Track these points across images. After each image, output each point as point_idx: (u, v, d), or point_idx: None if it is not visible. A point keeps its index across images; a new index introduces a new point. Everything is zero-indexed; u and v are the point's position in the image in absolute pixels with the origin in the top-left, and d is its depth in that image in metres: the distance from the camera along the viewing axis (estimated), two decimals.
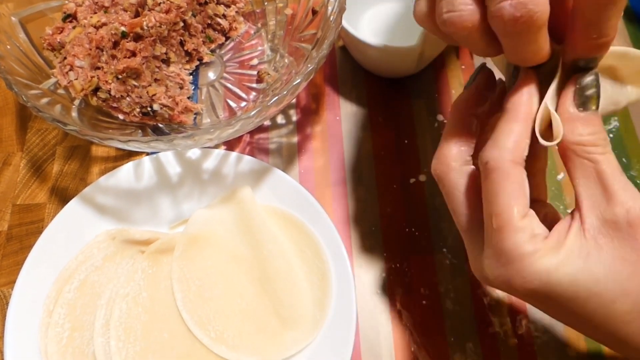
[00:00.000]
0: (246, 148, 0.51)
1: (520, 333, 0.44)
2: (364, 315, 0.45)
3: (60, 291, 0.43)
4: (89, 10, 0.47)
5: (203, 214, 0.46)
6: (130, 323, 0.42)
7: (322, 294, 0.43)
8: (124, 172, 0.47)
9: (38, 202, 0.49)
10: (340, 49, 0.56)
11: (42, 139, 0.51)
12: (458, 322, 0.44)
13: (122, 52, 0.44)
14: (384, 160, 0.51)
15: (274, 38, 0.54)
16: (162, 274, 0.44)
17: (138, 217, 0.47)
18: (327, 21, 0.45)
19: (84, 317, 0.42)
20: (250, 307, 0.43)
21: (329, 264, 0.44)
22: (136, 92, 0.45)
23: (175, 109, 0.48)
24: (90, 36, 0.45)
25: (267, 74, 0.52)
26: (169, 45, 0.49)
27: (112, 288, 0.43)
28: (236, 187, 0.46)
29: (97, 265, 0.44)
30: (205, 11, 0.52)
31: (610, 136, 0.52)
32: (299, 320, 0.43)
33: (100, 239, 0.45)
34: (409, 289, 0.45)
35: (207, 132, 0.38)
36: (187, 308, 0.43)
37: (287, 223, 0.46)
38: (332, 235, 0.44)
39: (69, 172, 0.50)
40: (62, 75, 0.45)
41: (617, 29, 0.27)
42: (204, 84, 0.53)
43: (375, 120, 0.52)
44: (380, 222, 0.48)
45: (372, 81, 0.54)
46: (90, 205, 0.46)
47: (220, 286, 0.44)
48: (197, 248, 0.45)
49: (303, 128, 0.52)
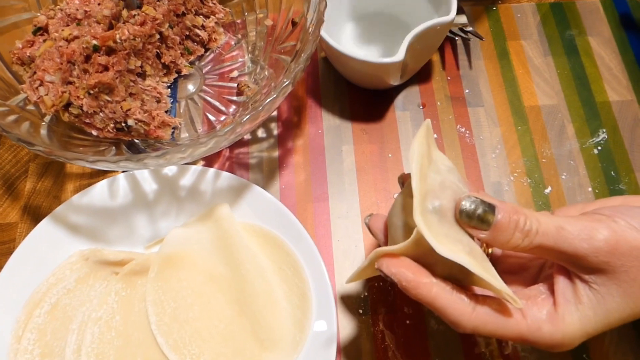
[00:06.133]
0: (226, 163, 0.50)
1: (506, 353, 0.42)
2: (346, 336, 0.43)
3: (30, 315, 0.42)
4: (60, 23, 0.46)
5: (179, 233, 0.44)
6: (103, 348, 0.40)
7: (302, 314, 0.42)
8: (98, 190, 0.45)
9: (9, 222, 0.47)
10: (323, 60, 0.55)
11: (14, 156, 0.50)
12: (443, 343, 0.43)
13: (94, 67, 0.43)
14: (368, 175, 0.49)
15: (255, 49, 0.53)
16: (136, 296, 0.43)
17: (113, 236, 0.45)
18: (306, 33, 0.43)
19: (55, 342, 0.41)
20: (228, 329, 0.42)
21: (309, 283, 0.43)
22: (109, 108, 0.44)
23: (152, 124, 0.47)
24: (61, 50, 0.43)
25: (247, 87, 0.50)
26: (144, 58, 0.47)
27: (84, 311, 0.42)
28: (214, 204, 0.45)
29: (70, 287, 0.43)
30: (183, 22, 0.50)
31: (599, 149, 0.51)
32: (278, 341, 0.42)
33: (73, 259, 0.44)
34: (392, 308, 0.44)
35: (179, 151, 0.36)
36: (162, 331, 0.41)
37: (266, 241, 0.45)
38: (312, 254, 0.43)
39: (42, 190, 0.48)
40: (31, 90, 0.43)
41: None
42: (182, 97, 0.52)
43: (358, 133, 0.51)
44: (363, 238, 0.47)
45: (355, 93, 0.53)
46: (63, 224, 0.44)
47: (196, 308, 0.42)
48: (172, 269, 0.43)
49: (284, 142, 0.51)
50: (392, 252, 0.30)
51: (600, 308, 0.29)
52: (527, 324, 0.29)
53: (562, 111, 0.53)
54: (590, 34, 0.57)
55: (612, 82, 0.54)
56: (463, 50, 0.56)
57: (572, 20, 0.58)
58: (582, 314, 0.29)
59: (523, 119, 0.52)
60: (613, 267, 0.28)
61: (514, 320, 0.29)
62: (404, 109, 0.52)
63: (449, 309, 0.29)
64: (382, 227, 0.36)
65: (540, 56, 0.56)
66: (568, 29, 0.57)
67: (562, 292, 0.30)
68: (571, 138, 0.51)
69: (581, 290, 0.29)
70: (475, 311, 0.29)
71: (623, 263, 0.28)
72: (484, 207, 0.29)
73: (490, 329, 0.29)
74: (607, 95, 0.53)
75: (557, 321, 0.29)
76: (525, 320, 0.29)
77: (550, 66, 0.55)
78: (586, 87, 0.54)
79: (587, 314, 0.29)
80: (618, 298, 0.28)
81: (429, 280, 0.29)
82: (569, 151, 0.50)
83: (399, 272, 0.29)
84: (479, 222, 0.29)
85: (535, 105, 0.53)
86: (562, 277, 0.30)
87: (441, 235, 0.28)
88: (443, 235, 0.28)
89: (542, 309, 0.30)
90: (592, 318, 0.29)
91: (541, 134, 0.51)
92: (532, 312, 0.30)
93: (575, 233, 0.28)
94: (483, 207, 0.29)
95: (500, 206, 0.29)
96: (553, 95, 0.53)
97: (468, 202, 0.29)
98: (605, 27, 0.57)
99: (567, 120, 0.52)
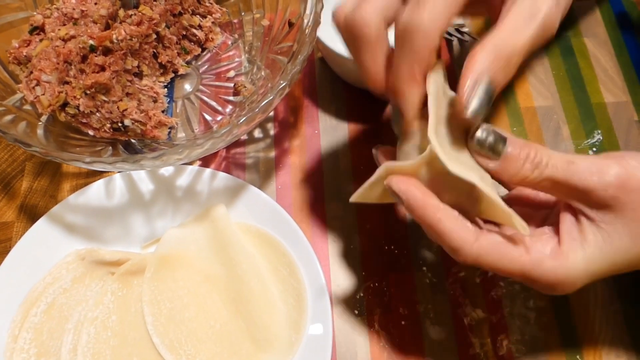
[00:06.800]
0: (222, 163, 0.50)
1: (501, 354, 0.43)
2: (341, 336, 0.43)
3: (27, 314, 0.42)
4: (57, 23, 0.46)
5: (175, 233, 0.44)
6: (99, 348, 0.41)
7: (297, 314, 0.42)
8: (95, 190, 0.45)
9: (6, 221, 0.47)
10: (320, 60, 0.55)
11: (10, 155, 0.50)
12: (438, 343, 0.43)
13: (90, 67, 0.43)
14: (364, 176, 0.49)
15: (251, 49, 0.53)
16: (132, 296, 0.43)
17: (109, 236, 0.45)
18: (303, 34, 0.44)
19: (51, 342, 0.41)
20: (224, 329, 0.42)
21: (305, 283, 0.43)
22: (106, 108, 0.44)
23: (148, 124, 0.47)
24: (57, 50, 0.43)
25: (244, 87, 0.50)
26: (141, 58, 0.47)
27: (80, 311, 0.42)
28: (210, 204, 0.45)
29: (66, 287, 0.43)
30: (179, 22, 0.50)
31: (594, 150, 0.51)
32: (273, 342, 0.42)
33: (69, 259, 0.44)
34: (388, 309, 0.44)
35: (176, 152, 0.36)
36: (158, 332, 0.41)
37: (262, 241, 0.45)
38: (308, 254, 0.43)
39: (38, 189, 0.48)
40: (28, 90, 0.43)
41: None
42: (179, 97, 0.52)
43: (354, 134, 0.51)
44: (359, 239, 0.47)
45: (351, 93, 0.53)
46: (60, 224, 0.45)
47: (192, 308, 0.42)
48: (168, 269, 0.43)
49: (281, 142, 0.51)
50: (402, 167, 0.29)
51: (606, 247, 0.28)
52: (530, 257, 0.29)
53: (558, 112, 0.53)
54: (586, 35, 0.57)
55: (607, 84, 0.54)
56: (459, 51, 0.56)
57: (567, 21, 0.58)
58: (587, 253, 0.28)
59: (519, 120, 0.52)
60: (622, 204, 0.27)
61: (517, 252, 0.29)
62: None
63: (453, 234, 0.28)
64: (391, 158, 0.35)
65: (535, 57, 0.56)
66: (564, 30, 0.57)
67: (568, 230, 0.29)
68: (566, 139, 0.51)
69: (587, 229, 0.29)
70: (479, 240, 0.28)
71: (632, 199, 0.27)
72: (496, 136, 0.29)
73: (491, 260, 0.29)
74: (603, 97, 0.54)
75: (560, 258, 0.29)
76: (528, 255, 0.29)
77: (546, 67, 0.55)
78: (582, 89, 0.54)
79: (592, 252, 0.28)
80: (625, 237, 0.28)
81: (436, 202, 0.28)
82: (564, 152, 0.50)
83: (408, 190, 0.28)
84: (489, 151, 0.29)
85: (530, 107, 0.53)
86: (568, 214, 0.30)
87: (452, 157, 0.28)
88: (454, 158, 0.28)
89: (546, 245, 0.29)
90: (597, 257, 0.28)
91: (537, 135, 0.52)
92: (536, 247, 0.29)
93: (585, 167, 0.28)
94: (495, 136, 0.29)
95: (511, 138, 0.29)
96: (549, 97, 0.54)
97: (481, 130, 0.29)
98: (601, 28, 0.57)
99: (563, 121, 0.52)
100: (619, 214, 0.28)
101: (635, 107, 0.53)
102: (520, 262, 0.29)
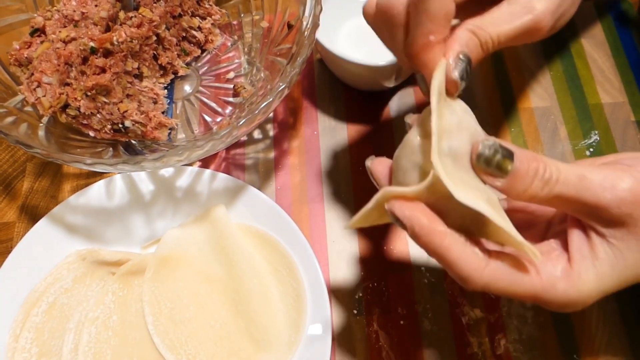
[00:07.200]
0: (222, 164, 0.50)
1: (498, 353, 0.43)
2: (340, 336, 0.44)
3: (28, 314, 0.42)
4: (58, 25, 0.46)
5: (175, 233, 0.45)
6: (100, 348, 0.41)
7: (297, 314, 0.42)
8: (95, 190, 0.46)
9: (7, 221, 0.48)
10: (319, 61, 0.55)
11: (11, 155, 0.50)
12: (436, 343, 0.43)
13: (91, 68, 0.43)
14: (362, 176, 0.50)
15: (251, 51, 0.53)
16: (133, 297, 0.43)
17: (109, 236, 0.46)
18: (302, 36, 0.44)
19: (52, 341, 0.41)
20: (224, 329, 0.43)
21: (304, 284, 0.43)
22: (107, 109, 0.44)
23: (149, 125, 0.47)
24: (58, 51, 0.44)
25: (244, 88, 0.51)
26: (141, 59, 0.47)
27: (81, 311, 0.42)
28: (210, 205, 0.45)
29: (67, 287, 0.43)
30: (179, 24, 0.51)
31: (591, 150, 0.51)
32: (273, 342, 0.42)
33: (70, 259, 0.44)
34: (387, 309, 0.45)
35: (176, 154, 0.37)
36: (159, 331, 0.42)
37: (262, 242, 0.45)
38: (307, 254, 0.43)
39: (39, 190, 0.49)
40: (29, 92, 0.44)
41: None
42: (179, 98, 0.52)
43: (353, 135, 0.52)
44: (358, 240, 0.47)
45: (350, 94, 0.54)
46: (61, 224, 0.45)
47: (192, 308, 0.43)
48: (168, 269, 0.44)
49: (280, 143, 0.51)
50: (404, 194, 0.27)
51: (618, 264, 0.27)
52: (542, 281, 0.27)
53: (555, 113, 0.53)
54: (584, 36, 0.57)
55: (604, 84, 0.55)
56: None
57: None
58: (599, 271, 0.27)
59: (516, 120, 0.53)
60: (635, 220, 0.26)
61: (528, 277, 0.27)
62: (399, 110, 0.53)
63: (461, 262, 0.26)
64: (387, 172, 0.32)
65: (533, 58, 0.56)
66: (561, 31, 0.57)
67: (578, 248, 0.28)
68: (564, 140, 0.52)
69: (598, 246, 0.28)
70: (489, 266, 0.27)
71: None
72: (503, 152, 0.27)
73: (502, 286, 0.27)
74: (600, 97, 0.54)
75: (572, 278, 0.27)
76: (539, 277, 0.27)
77: (544, 68, 0.56)
78: (579, 89, 0.54)
79: (604, 270, 0.27)
80: (637, 253, 0.27)
81: (443, 228, 0.26)
82: (562, 153, 0.51)
83: (413, 216, 0.26)
84: (496, 169, 0.27)
85: (528, 107, 0.53)
86: (578, 231, 0.29)
87: (457, 179, 0.25)
88: (459, 179, 0.26)
89: (557, 265, 0.28)
90: (609, 275, 0.27)
91: (534, 136, 0.52)
92: (546, 268, 0.28)
93: (597, 182, 0.27)
94: (502, 152, 0.27)
95: (518, 152, 0.27)
96: (546, 97, 0.54)
97: (487, 147, 0.27)
98: (598, 29, 0.58)
99: (560, 122, 0.53)
100: (631, 229, 0.27)
101: (632, 107, 0.53)
102: (531, 287, 0.28)
